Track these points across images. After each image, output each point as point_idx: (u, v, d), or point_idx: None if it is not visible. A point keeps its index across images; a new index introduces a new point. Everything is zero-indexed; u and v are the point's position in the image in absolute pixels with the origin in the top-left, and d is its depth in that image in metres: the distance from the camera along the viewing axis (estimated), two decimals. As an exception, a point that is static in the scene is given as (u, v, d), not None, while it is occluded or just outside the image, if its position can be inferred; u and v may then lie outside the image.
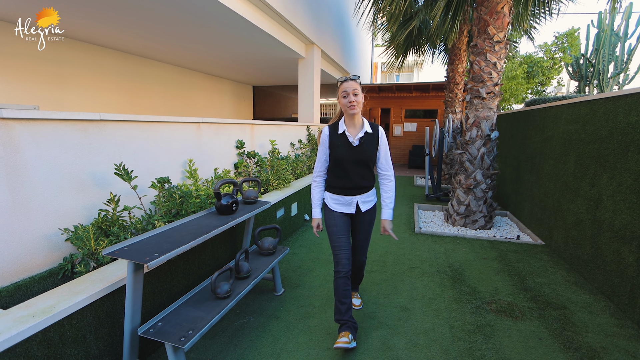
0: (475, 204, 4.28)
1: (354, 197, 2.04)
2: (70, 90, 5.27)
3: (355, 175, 1.99)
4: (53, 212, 1.84)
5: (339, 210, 2.07)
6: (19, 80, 4.59)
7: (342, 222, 2.05)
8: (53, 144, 1.82)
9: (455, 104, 7.66)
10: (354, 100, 1.88)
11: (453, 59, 7.51)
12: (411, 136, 11.68)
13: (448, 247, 3.71)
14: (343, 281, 1.99)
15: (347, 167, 1.98)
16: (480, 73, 4.21)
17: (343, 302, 1.98)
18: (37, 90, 4.82)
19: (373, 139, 1.99)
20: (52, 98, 5.02)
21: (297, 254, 3.43)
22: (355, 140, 1.95)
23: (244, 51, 6.21)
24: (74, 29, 4.82)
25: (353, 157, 1.95)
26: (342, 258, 2.00)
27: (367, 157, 1.97)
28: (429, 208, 5.46)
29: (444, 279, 2.91)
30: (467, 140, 4.38)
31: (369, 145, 1.98)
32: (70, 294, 1.49)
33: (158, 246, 1.59)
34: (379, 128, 2.04)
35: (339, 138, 1.98)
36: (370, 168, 2.03)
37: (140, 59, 6.57)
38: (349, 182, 2.01)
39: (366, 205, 2.08)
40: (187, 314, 1.69)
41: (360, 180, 2.01)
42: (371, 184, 2.08)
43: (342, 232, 2.04)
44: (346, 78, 1.93)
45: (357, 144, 1.95)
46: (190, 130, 2.91)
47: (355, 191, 2.03)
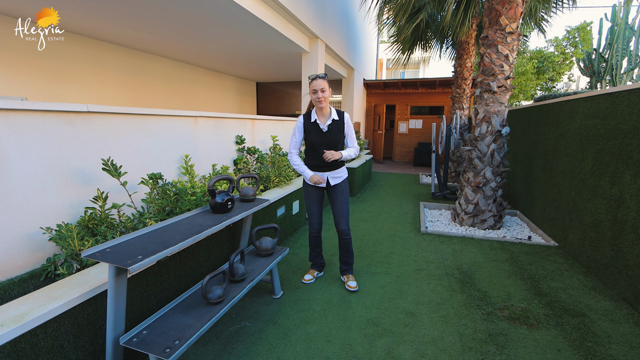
0: (484, 202, 4.11)
1: (325, 173, 2.51)
2: (70, 85, 5.18)
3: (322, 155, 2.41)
4: (36, 210, 1.72)
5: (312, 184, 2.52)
6: (17, 75, 4.50)
7: (315, 195, 2.58)
8: (35, 136, 1.69)
9: (462, 99, 7.45)
10: (321, 97, 2.31)
11: (461, 54, 7.29)
12: (417, 133, 11.47)
13: (456, 247, 3.54)
14: (315, 239, 2.73)
15: (319, 149, 2.42)
16: (491, 66, 4.02)
17: (314, 251, 2.78)
18: (36, 85, 4.73)
19: (339, 125, 2.45)
20: (51, 93, 4.93)
21: (297, 254, 3.30)
22: (325, 126, 2.41)
23: (246, 45, 6.07)
24: (74, 23, 4.72)
25: (323, 140, 2.42)
26: (314, 223, 2.65)
27: (335, 140, 2.44)
28: (435, 207, 5.30)
29: (452, 282, 2.76)
30: (476, 136, 4.20)
31: (336, 130, 2.43)
32: (46, 300, 1.37)
33: (143, 247, 1.47)
34: (345, 115, 2.48)
35: (312, 125, 2.44)
36: (338, 149, 2.45)
37: (142, 53, 6.46)
38: (320, 161, 2.46)
39: (335, 180, 2.54)
40: (175, 321, 1.56)
41: None
42: (338, 163, 2.52)
43: (314, 202, 2.60)
44: (316, 76, 2.31)
45: (327, 130, 2.41)
46: (186, 125, 2.78)
47: (325, 168, 2.50)
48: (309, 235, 2.73)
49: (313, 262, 2.83)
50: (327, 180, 2.53)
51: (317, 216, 2.63)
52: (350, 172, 5.83)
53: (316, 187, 2.56)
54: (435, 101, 11.00)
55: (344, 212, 2.57)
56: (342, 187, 2.56)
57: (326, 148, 2.40)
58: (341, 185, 2.55)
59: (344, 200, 2.56)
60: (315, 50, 6.32)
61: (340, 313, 2.30)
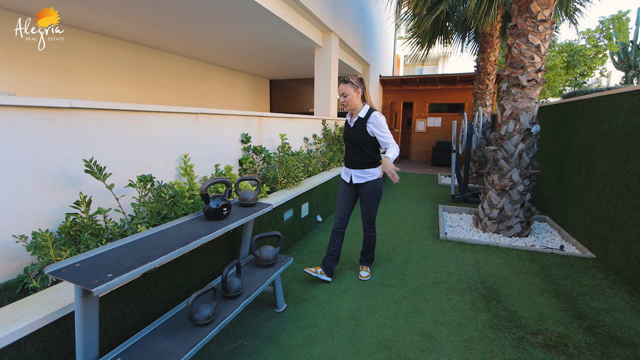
0: (511, 207, 3.76)
1: (350, 169, 2.55)
2: (79, 83, 5.14)
3: (349, 152, 2.54)
4: (11, 215, 1.56)
5: (343, 177, 2.65)
6: (25, 72, 4.48)
7: (344, 189, 2.63)
8: (9, 134, 1.53)
9: (485, 96, 7.02)
10: (344, 101, 2.42)
11: (484, 47, 6.86)
12: (435, 132, 11.02)
13: (479, 257, 3.23)
14: (334, 234, 2.66)
15: (346, 144, 2.57)
16: (520, 58, 3.66)
17: (329, 248, 2.67)
18: (45, 82, 4.71)
19: (362, 123, 2.41)
20: (60, 90, 4.90)
21: (305, 261, 3.07)
22: (352, 123, 2.49)
23: (256, 40, 5.89)
24: (82, 19, 4.66)
25: (348, 136, 2.52)
26: (337, 217, 2.66)
27: (356, 137, 2.44)
28: (455, 210, 4.95)
29: (475, 299, 2.46)
30: (502, 135, 3.84)
31: (359, 127, 2.43)
32: (5, 321, 1.20)
33: (118, 262, 1.27)
34: (372, 114, 2.39)
35: (346, 122, 2.59)
36: (362, 149, 2.45)
37: (152, 50, 6.39)
38: (347, 157, 2.58)
39: (358, 179, 2.51)
40: (155, 346, 1.37)
41: (353, 156, 2.51)
42: (363, 162, 2.47)
43: (342, 198, 2.63)
44: (341, 80, 2.41)
45: (352, 126, 2.48)
46: (186, 122, 2.60)
47: (350, 164, 2.54)
48: (332, 231, 2.69)
49: (325, 262, 2.68)
50: (351, 178, 2.55)
51: (341, 211, 2.62)
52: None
53: (346, 183, 2.60)
54: (456, 98, 10.51)
55: (367, 214, 2.59)
56: (367, 189, 2.51)
57: (350, 144, 2.51)
58: (367, 187, 2.50)
59: (368, 202, 2.54)
60: (328, 45, 6.07)
61: (348, 332, 2.06)
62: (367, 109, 2.42)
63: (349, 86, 2.37)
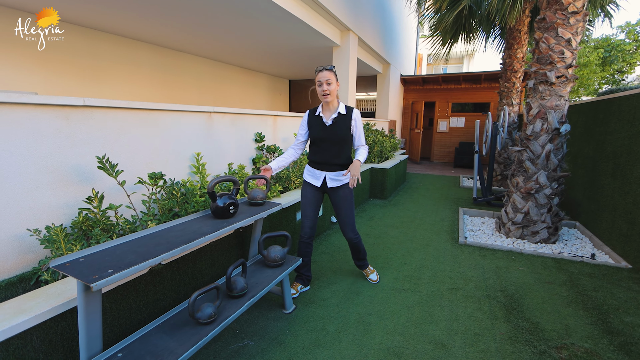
0: (537, 212, 3.54)
1: (324, 172, 2.28)
2: (106, 84, 5.36)
3: (326, 153, 2.25)
4: (27, 210, 1.62)
5: (309, 182, 2.35)
6: (53, 73, 4.71)
7: (312, 195, 2.35)
8: (25, 132, 1.59)
9: (512, 94, 6.69)
10: (326, 89, 2.10)
11: (511, 44, 6.54)
12: (458, 132, 10.67)
13: (500, 264, 3.05)
14: (304, 245, 2.42)
15: (321, 145, 2.24)
16: (549, 53, 3.44)
17: (304, 260, 2.43)
18: (74, 84, 4.94)
19: (345, 120, 2.20)
20: (87, 91, 5.13)
21: (317, 262, 3.02)
22: (329, 120, 2.19)
23: (274, 41, 5.92)
24: (109, 22, 4.85)
25: (325, 136, 2.21)
26: (305, 226, 2.38)
27: (339, 136, 2.20)
28: (477, 214, 4.74)
29: (494, 308, 2.32)
30: (528, 135, 3.63)
31: (341, 125, 2.19)
32: (13, 312, 1.23)
33: (120, 258, 1.28)
34: (353, 111, 2.22)
35: (316, 119, 2.24)
36: (344, 148, 2.24)
37: (174, 52, 6.57)
38: (320, 158, 2.27)
39: (334, 182, 2.28)
40: (156, 343, 1.36)
41: (331, 158, 2.25)
42: (341, 163, 2.26)
43: (310, 204, 2.36)
44: (322, 68, 2.12)
45: (330, 124, 2.19)
46: (199, 121, 2.62)
47: (325, 167, 2.27)
48: (299, 241, 2.43)
49: (298, 273, 2.49)
50: (325, 181, 2.29)
51: (310, 219, 2.37)
52: (382, 173, 5.44)
53: (314, 187, 2.34)
54: (480, 97, 10.13)
55: (349, 221, 2.36)
56: (345, 192, 2.30)
57: (328, 144, 2.22)
58: (344, 191, 2.30)
59: (348, 207, 2.33)
60: (347, 44, 6.00)
61: (356, 337, 1.99)
62: (344, 105, 2.23)
63: (333, 74, 2.14)
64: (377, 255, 3.22)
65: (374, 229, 3.99)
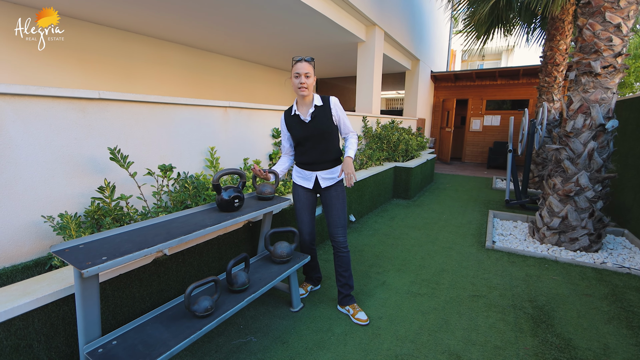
0: (576, 216, 3.21)
1: (314, 172, 2.11)
2: (138, 83, 5.64)
3: (313, 151, 2.06)
4: (44, 198, 1.69)
5: (300, 184, 2.17)
6: (91, 74, 5.02)
7: (305, 198, 2.17)
8: (44, 123, 1.66)
9: (553, 90, 6.18)
10: (304, 82, 1.91)
11: (553, 35, 6.04)
12: (493, 131, 10.08)
13: (531, 272, 2.80)
14: (309, 250, 2.28)
15: (305, 144, 2.06)
16: (594, 40, 3.10)
17: (308, 264, 2.36)
18: (108, 83, 5.24)
19: (324, 110, 2.01)
20: (121, 90, 5.41)
21: (330, 261, 2.94)
22: (307, 117, 2.00)
23: (298, 37, 5.90)
24: (141, 24, 5.08)
25: (307, 133, 2.02)
26: (304, 233, 2.23)
27: (322, 130, 2.01)
28: (509, 217, 4.41)
29: (520, 319, 2.12)
30: (567, 131, 3.30)
31: (322, 117, 2.01)
32: (19, 294, 1.28)
33: (117, 247, 1.29)
34: (330, 98, 2.04)
35: (293, 119, 2.05)
36: (331, 141, 2.07)
37: (202, 51, 6.78)
38: (308, 158, 2.09)
39: (327, 181, 2.10)
40: (151, 333, 1.36)
41: (319, 156, 2.07)
42: (332, 159, 2.10)
43: (304, 208, 2.19)
44: (300, 58, 1.94)
45: (310, 119, 2.00)
46: (215, 115, 2.64)
47: (314, 166, 2.09)
48: (300, 247, 2.30)
49: (307, 275, 2.45)
50: (317, 181, 2.10)
51: (307, 225, 2.20)
52: (406, 172, 5.24)
53: (306, 190, 2.15)
54: (518, 94, 9.49)
55: (341, 222, 2.11)
56: (337, 190, 2.11)
57: (313, 141, 2.02)
58: (336, 189, 2.11)
59: (339, 206, 2.10)
60: (372, 39, 5.84)
61: (363, 341, 1.89)
62: (319, 96, 2.04)
63: (312, 67, 1.95)
64: (394, 256, 3.08)
65: (394, 230, 3.84)
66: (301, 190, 2.16)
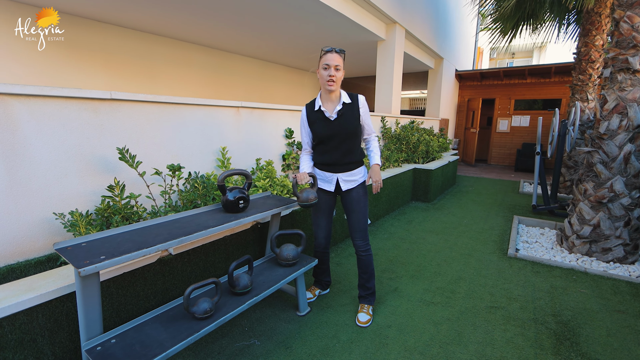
0: (610, 225, 2.96)
1: (335, 174, 2.00)
2: (161, 84, 5.81)
3: (335, 152, 1.95)
4: (57, 195, 1.75)
5: (321, 187, 2.06)
6: (116, 75, 5.23)
7: (324, 202, 2.07)
8: (57, 123, 1.71)
9: (587, 88, 5.79)
10: (334, 75, 1.79)
11: (588, 29, 5.65)
12: (521, 132, 9.61)
13: (557, 283, 2.61)
14: (320, 254, 2.23)
15: (328, 143, 1.94)
16: (632, 34, 2.85)
17: (320, 267, 2.31)
18: (132, 84, 5.44)
19: (352, 109, 1.90)
20: (144, 90, 5.59)
21: (342, 265, 2.88)
22: (333, 114, 1.89)
23: (315, 37, 5.86)
24: (164, 26, 5.23)
25: (332, 132, 1.90)
26: (319, 237, 2.16)
27: (348, 130, 1.90)
28: (536, 224, 4.16)
29: (541, 335, 1.96)
30: (601, 133, 3.06)
31: (349, 116, 1.89)
32: (25, 290, 1.31)
33: (117, 246, 1.29)
34: (359, 97, 1.92)
35: (316, 115, 1.93)
36: (354, 143, 1.96)
37: (223, 52, 6.90)
38: (329, 159, 1.98)
39: (348, 183, 2.00)
40: (150, 333, 1.36)
41: (341, 157, 1.96)
42: (355, 161, 1.99)
43: (322, 212, 2.10)
44: (331, 49, 1.80)
45: (336, 117, 1.89)
46: (226, 115, 2.65)
47: (336, 168, 1.99)
48: (314, 250, 2.25)
49: (316, 279, 2.39)
50: (338, 184, 2.01)
51: (324, 229, 2.14)
52: (426, 174, 5.07)
53: (326, 192, 2.05)
54: (550, 93, 8.99)
55: (361, 226, 2.03)
56: (358, 193, 2.01)
57: (337, 141, 1.91)
58: (357, 191, 2.01)
59: (360, 210, 2.01)
60: (392, 38, 5.71)
61: (369, 350, 1.82)
62: (347, 93, 1.92)
63: (342, 60, 1.83)
64: (409, 262, 2.97)
65: (410, 234, 3.71)
66: (321, 194, 2.05)
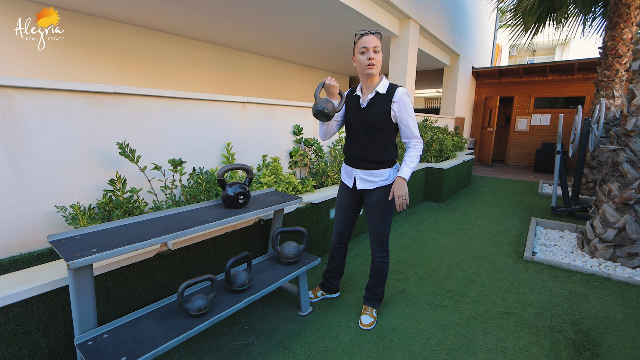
0: (637, 228, 2.77)
1: (354, 169, 1.88)
2: (174, 82, 5.89)
3: (357, 144, 1.82)
4: (60, 188, 1.75)
5: (343, 181, 2.00)
6: (130, 74, 5.32)
7: (344, 197, 2.00)
8: (60, 116, 1.71)
9: (613, 84, 5.47)
10: (373, 58, 1.65)
11: (615, 22, 5.34)
12: (541, 131, 9.24)
13: (576, 289, 2.45)
14: (334, 249, 2.15)
15: (353, 133, 1.84)
16: (665, 23, 2.65)
17: (329, 264, 2.19)
18: (146, 82, 5.53)
19: (384, 100, 1.71)
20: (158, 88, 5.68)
21: (348, 265, 2.80)
22: (364, 102, 1.76)
23: (328, 35, 5.79)
24: (177, 25, 5.29)
25: (357, 121, 1.79)
26: (335, 230, 2.11)
27: (373, 121, 1.73)
28: (555, 226, 3.96)
29: (558, 344, 1.84)
30: (628, 130, 2.87)
31: (377, 108, 1.72)
32: (21, 281, 1.31)
33: (110, 240, 1.27)
34: (398, 89, 1.71)
35: (353, 99, 1.82)
36: (377, 139, 1.76)
37: (234, 51, 6.93)
38: (349, 150, 1.88)
39: (363, 183, 1.85)
40: (143, 329, 1.33)
41: (361, 151, 1.81)
42: (375, 160, 1.79)
43: (341, 206, 2.03)
44: (366, 31, 1.68)
45: (365, 106, 1.75)
46: (232, 111, 2.62)
47: (355, 162, 1.86)
48: (331, 243, 2.17)
49: (324, 278, 2.25)
50: (355, 181, 1.88)
51: (340, 223, 2.05)
52: (438, 173, 4.92)
53: (347, 188, 1.95)
54: (572, 90, 8.60)
55: (377, 233, 1.89)
56: (377, 197, 1.82)
57: (360, 132, 1.77)
58: (377, 196, 1.82)
59: (379, 216, 1.85)
60: (406, 34, 5.58)
61: (372, 354, 1.74)
62: (387, 83, 1.74)
63: (380, 42, 1.68)
64: (418, 263, 2.87)
65: (420, 234, 3.60)
66: (343, 187, 1.99)
